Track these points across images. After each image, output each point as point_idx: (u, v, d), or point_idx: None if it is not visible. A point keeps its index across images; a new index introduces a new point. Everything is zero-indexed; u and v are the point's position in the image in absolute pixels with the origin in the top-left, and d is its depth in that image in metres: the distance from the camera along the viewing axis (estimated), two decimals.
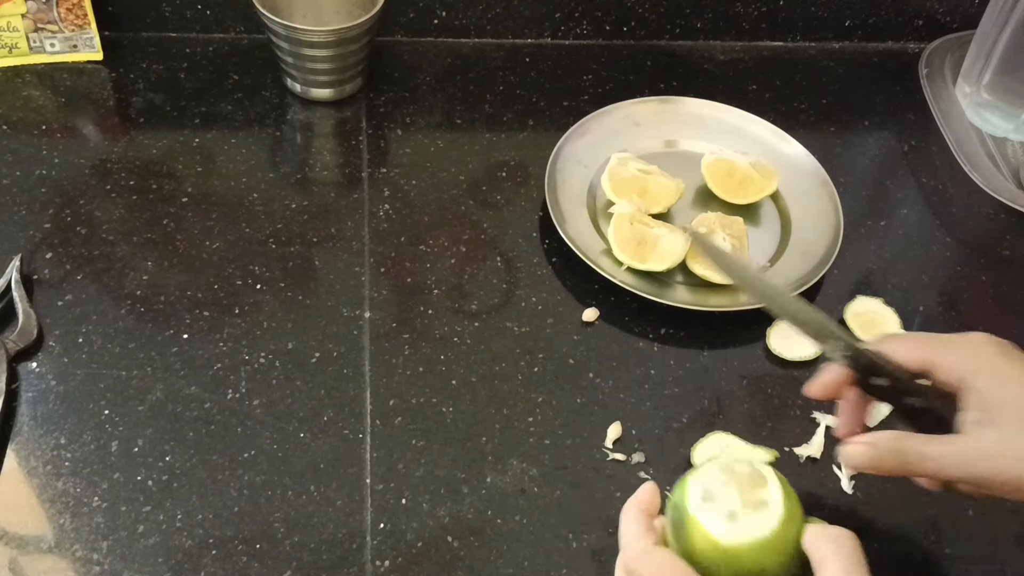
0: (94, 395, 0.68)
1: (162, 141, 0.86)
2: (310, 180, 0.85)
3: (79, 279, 0.74)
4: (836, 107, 0.98)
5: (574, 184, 0.84)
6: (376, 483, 0.65)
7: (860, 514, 0.66)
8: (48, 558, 0.60)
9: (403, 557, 0.62)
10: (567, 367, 0.73)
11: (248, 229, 0.79)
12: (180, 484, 0.64)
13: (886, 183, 0.91)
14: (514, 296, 0.77)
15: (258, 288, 0.75)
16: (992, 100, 0.95)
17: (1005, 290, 0.83)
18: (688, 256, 0.78)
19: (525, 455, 0.67)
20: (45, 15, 0.88)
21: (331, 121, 0.90)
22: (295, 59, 0.86)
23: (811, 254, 0.81)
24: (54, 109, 0.88)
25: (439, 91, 0.94)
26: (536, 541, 0.63)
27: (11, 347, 0.69)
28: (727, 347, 0.76)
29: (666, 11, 1.00)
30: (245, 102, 0.90)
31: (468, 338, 0.74)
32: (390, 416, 0.69)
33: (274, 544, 0.61)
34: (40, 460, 0.64)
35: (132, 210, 0.80)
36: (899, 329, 0.77)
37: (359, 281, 0.77)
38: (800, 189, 0.86)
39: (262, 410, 0.68)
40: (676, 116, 0.91)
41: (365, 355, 0.72)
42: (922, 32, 1.05)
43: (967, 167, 0.91)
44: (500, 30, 0.99)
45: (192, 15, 0.94)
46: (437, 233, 0.81)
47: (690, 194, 0.86)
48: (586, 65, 0.99)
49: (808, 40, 1.04)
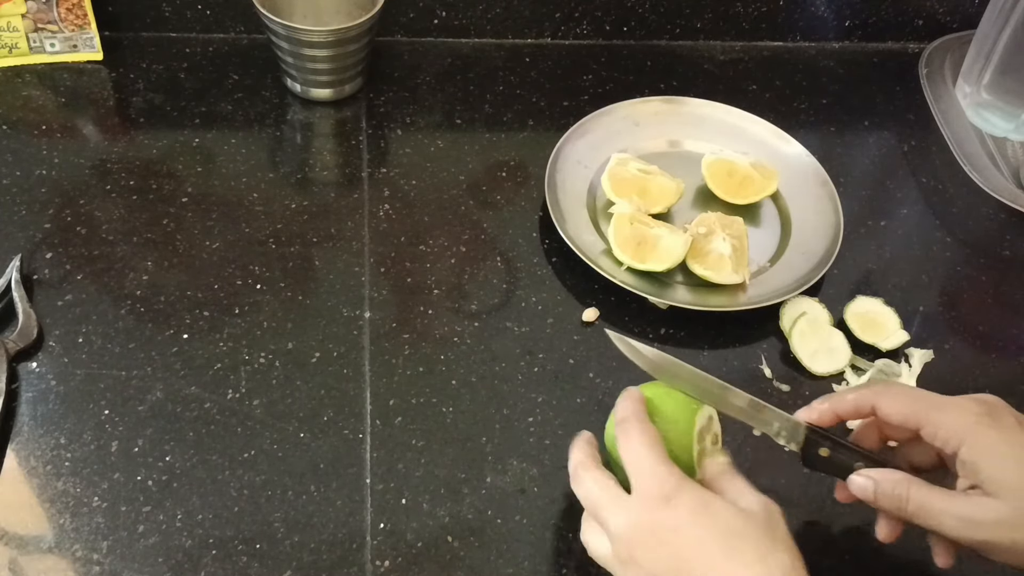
0: (94, 395, 0.68)
1: (162, 141, 0.86)
2: (310, 180, 0.85)
3: (79, 279, 0.74)
4: (836, 107, 0.98)
5: (574, 184, 0.84)
6: (376, 483, 0.65)
7: (859, 513, 0.66)
8: (48, 558, 0.60)
9: (403, 557, 0.62)
10: (567, 367, 0.73)
11: (248, 229, 0.79)
12: (180, 484, 0.64)
13: (886, 183, 0.91)
14: (514, 296, 0.77)
15: (258, 288, 0.75)
16: (992, 100, 0.95)
17: (1005, 290, 0.83)
18: (688, 256, 0.78)
19: (525, 455, 0.67)
20: (45, 15, 0.88)
21: (331, 121, 0.90)
22: (295, 59, 0.87)
23: (811, 254, 0.81)
24: (54, 109, 0.88)
25: (439, 91, 0.94)
26: (536, 541, 0.63)
27: (11, 347, 0.69)
28: (727, 347, 0.76)
29: (666, 11, 1.00)
30: (245, 102, 0.90)
31: (468, 338, 0.74)
32: (390, 416, 0.69)
33: (274, 544, 0.61)
34: (40, 460, 0.64)
35: (132, 210, 0.80)
36: (899, 329, 0.77)
37: (359, 281, 0.77)
38: (800, 189, 0.86)
39: (262, 410, 0.68)
40: (676, 116, 0.91)
41: (365, 355, 0.72)
42: (922, 32, 1.05)
43: (967, 167, 0.91)
44: (500, 30, 0.99)
45: (192, 15, 0.94)
46: (437, 233, 0.81)
47: (690, 194, 0.86)
48: (586, 65, 0.99)
49: (808, 40, 1.04)
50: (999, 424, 0.54)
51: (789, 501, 0.65)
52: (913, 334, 0.77)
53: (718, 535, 0.50)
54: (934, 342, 0.77)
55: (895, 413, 0.56)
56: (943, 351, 0.77)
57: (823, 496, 0.67)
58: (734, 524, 0.50)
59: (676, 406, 0.58)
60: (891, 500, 0.54)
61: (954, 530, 0.53)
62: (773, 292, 0.77)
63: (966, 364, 0.77)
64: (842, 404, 0.57)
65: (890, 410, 0.56)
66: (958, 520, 0.52)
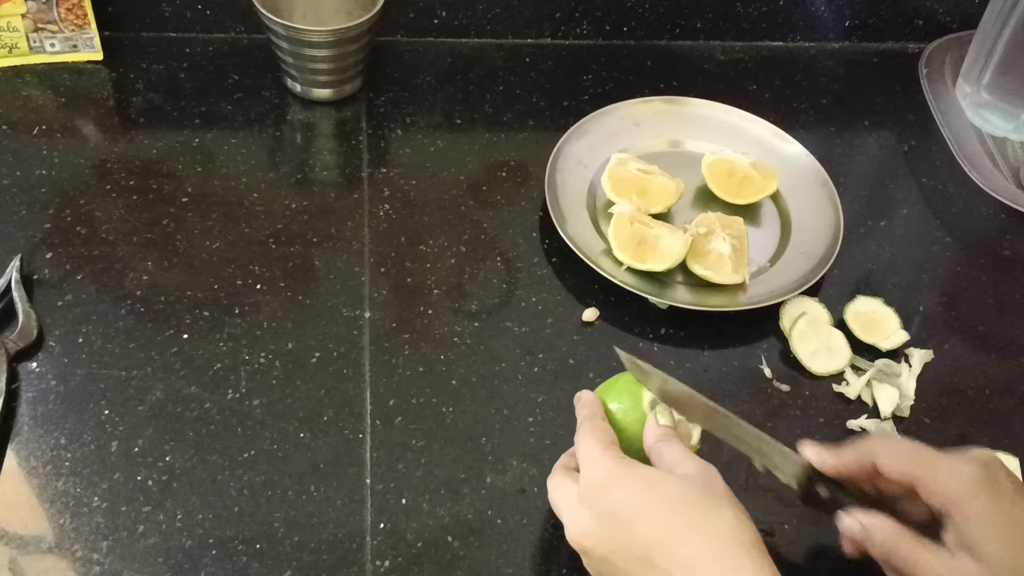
0: (94, 395, 0.68)
1: (162, 141, 0.86)
2: (310, 180, 0.85)
3: (79, 279, 0.74)
4: (836, 107, 0.98)
5: (574, 184, 0.84)
6: (376, 483, 0.65)
7: None
8: (48, 558, 0.60)
9: (403, 557, 0.62)
10: (567, 367, 0.73)
11: (248, 229, 0.79)
12: (180, 484, 0.64)
13: (886, 183, 0.91)
14: (514, 296, 0.77)
15: (258, 288, 0.75)
16: (992, 100, 0.95)
17: (1005, 290, 0.83)
18: (688, 256, 0.78)
19: (525, 455, 0.67)
20: (45, 15, 0.88)
21: (331, 121, 0.90)
22: (295, 59, 0.86)
23: (811, 254, 0.81)
24: (54, 109, 0.88)
25: (439, 91, 0.94)
26: (536, 541, 0.63)
27: (11, 347, 0.69)
28: (727, 347, 0.76)
29: (666, 11, 1.00)
30: (245, 102, 0.90)
31: (468, 338, 0.74)
32: (390, 416, 0.69)
33: (274, 544, 0.61)
34: (40, 460, 0.64)
35: (132, 210, 0.80)
36: (899, 329, 0.77)
37: (359, 281, 0.77)
38: (800, 189, 0.86)
39: (262, 410, 0.68)
40: (676, 116, 0.91)
41: (365, 355, 0.72)
42: (922, 32, 1.05)
43: (967, 167, 0.91)
44: (500, 30, 0.99)
45: (192, 15, 0.94)
46: (437, 233, 0.81)
47: (690, 194, 0.86)
48: (586, 65, 0.99)
49: (808, 40, 1.04)
50: (994, 490, 0.54)
51: (789, 505, 0.65)
52: (913, 334, 0.77)
53: (662, 505, 0.51)
54: (934, 342, 0.77)
55: (893, 470, 0.56)
56: (943, 351, 0.77)
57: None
58: (675, 491, 0.52)
59: (625, 397, 0.60)
60: (881, 548, 0.55)
61: None
62: (773, 292, 0.77)
63: (966, 364, 0.77)
64: (844, 458, 0.57)
65: (888, 467, 0.56)
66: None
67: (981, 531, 0.53)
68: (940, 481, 0.54)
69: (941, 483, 0.54)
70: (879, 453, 0.57)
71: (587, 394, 0.61)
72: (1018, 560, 0.52)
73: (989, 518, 0.53)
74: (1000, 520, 0.53)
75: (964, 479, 0.54)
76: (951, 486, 0.54)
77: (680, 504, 0.51)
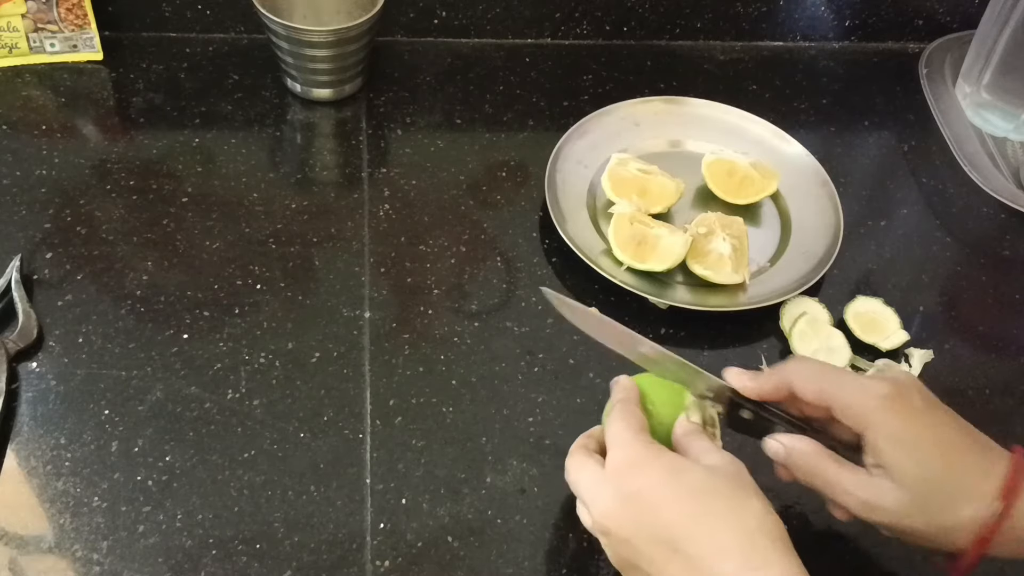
0: (94, 395, 0.68)
1: (162, 141, 0.86)
2: (310, 180, 0.85)
3: (79, 279, 0.74)
4: (836, 107, 0.98)
5: (574, 184, 0.84)
6: (376, 483, 0.65)
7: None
8: (48, 558, 0.60)
9: (403, 557, 0.62)
10: (567, 367, 0.73)
11: (248, 229, 0.79)
12: (180, 484, 0.64)
13: (886, 183, 0.91)
14: (514, 296, 0.77)
15: (258, 288, 0.75)
16: (992, 100, 0.95)
17: (1005, 290, 0.83)
18: (688, 256, 0.78)
19: (525, 455, 0.67)
20: (45, 15, 0.88)
21: (331, 121, 0.90)
22: (295, 59, 0.87)
23: (811, 254, 0.81)
24: (54, 109, 0.88)
25: (439, 91, 0.94)
26: (536, 541, 0.63)
27: (11, 347, 0.69)
28: (727, 347, 0.76)
29: (666, 11, 1.00)
30: (245, 102, 0.90)
31: (468, 338, 0.74)
32: (390, 416, 0.69)
33: (274, 544, 0.61)
34: (40, 460, 0.64)
35: (132, 210, 0.80)
36: (899, 329, 0.77)
37: (359, 281, 0.77)
38: (800, 189, 0.86)
39: (262, 410, 0.68)
40: (676, 116, 0.91)
41: (365, 355, 0.72)
42: (922, 32, 1.05)
43: (967, 167, 0.91)
44: (500, 30, 0.99)
45: (192, 15, 0.94)
46: (437, 233, 0.81)
47: (690, 194, 0.86)
48: (586, 65, 0.99)
49: (808, 40, 1.04)
50: (905, 407, 0.54)
51: (789, 500, 0.65)
52: (913, 334, 0.77)
53: (688, 493, 0.51)
54: (934, 342, 0.77)
55: (808, 392, 0.56)
56: (943, 351, 0.77)
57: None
58: (702, 480, 0.52)
59: (663, 391, 0.59)
60: (802, 470, 0.55)
61: (856, 509, 0.54)
62: (773, 292, 0.77)
63: (966, 364, 0.77)
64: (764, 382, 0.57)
65: (803, 389, 0.56)
66: (860, 503, 0.54)
67: (894, 450, 0.53)
68: (853, 402, 0.54)
69: (854, 404, 0.54)
70: (794, 376, 0.56)
71: (625, 379, 0.60)
72: (932, 479, 0.52)
73: (902, 437, 0.53)
74: (912, 439, 0.53)
75: (876, 399, 0.54)
76: (865, 406, 0.54)
77: (707, 493, 0.51)
